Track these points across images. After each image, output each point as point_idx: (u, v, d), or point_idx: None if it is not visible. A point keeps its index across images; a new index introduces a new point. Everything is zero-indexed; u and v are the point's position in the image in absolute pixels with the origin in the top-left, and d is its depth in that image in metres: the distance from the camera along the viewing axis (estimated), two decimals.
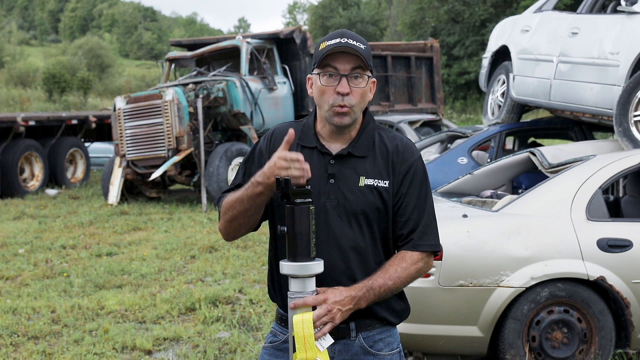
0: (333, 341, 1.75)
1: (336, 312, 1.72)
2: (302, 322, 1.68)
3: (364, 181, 1.83)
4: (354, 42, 1.79)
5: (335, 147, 1.86)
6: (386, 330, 1.91)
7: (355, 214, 1.82)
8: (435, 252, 1.88)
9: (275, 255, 1.90)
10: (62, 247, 7.29)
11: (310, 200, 1.72)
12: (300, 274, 1.71)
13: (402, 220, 1.85)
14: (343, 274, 1.81)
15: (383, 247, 1.87)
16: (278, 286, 1.90)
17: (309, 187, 1.72)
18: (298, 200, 1.70)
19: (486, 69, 7.42)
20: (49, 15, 76.52)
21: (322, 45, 1.81)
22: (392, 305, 1.89)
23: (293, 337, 1.70)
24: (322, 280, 1.77)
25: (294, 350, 1.71)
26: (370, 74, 1.83)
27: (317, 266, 1.73)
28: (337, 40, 1.79)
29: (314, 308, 1.72)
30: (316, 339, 1.70)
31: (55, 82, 27.58)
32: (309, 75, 1.90)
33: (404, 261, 1.82)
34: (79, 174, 12.76)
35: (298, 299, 1.71)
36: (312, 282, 1.73)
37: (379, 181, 1.83)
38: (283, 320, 1.90)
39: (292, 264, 1.71)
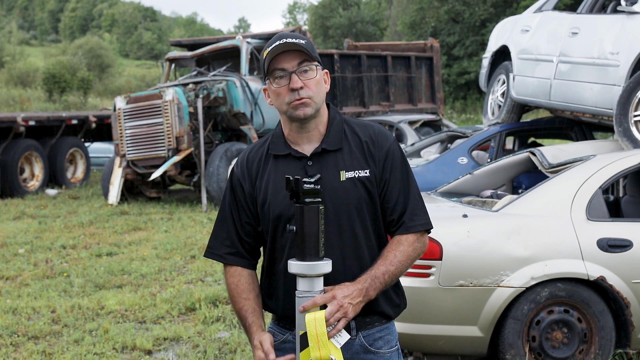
0: (349, 337, 1.75)
1: (347, 306, 1.72)
2: (314, 320, 1.68)
3: (344, 175, 1.83)
4: (292, 40, 1.80)
5: (308, 149, 1.87)
6: (385, 328, 1.92)
7: (344, 210, 1.83)
8: (428, 229, 1.90)
9: (273, 262, 1.90)
10: (62, 247, 7.29)
11: (320, 200, 1.72)
12: (308, 274, 1.72)
13: (390, 206, 1.87)
14: (341, 273, 1.82)
15: (377, 239, 1.88)
16: (275, 290, 1.89)
17: (319, 186, 1.72)
18: (308, 200, 1.71)
19: (486, 69, 7.42)
20: (49, 15, 76.52)
21: (265, 53, 1.83)
22: (391, 296, 1.90)
23: (302, 335, 1.70)
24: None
25: (301, 349, 1.71)
26: (318, 64, 1.84)
27: (326, 266, 1.74)
28: (276, 43, 1.81)
29: (323, 307, 1.72)
30: (331, 337, 1.70)
31: (55, 82, 27.57)
32: (263, 87, 1.91)
33: (401, 244, 1.84)
34: (79, 174, 12.76)
35: (307, 301, 1.71)
36: (320, 281, 1.74)
37: (359, 172, 1.84)
38: (281, 320, 1.91)
39: (301, 263, 1.72)
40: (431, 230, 1.92)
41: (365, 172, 1.84)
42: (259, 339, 1.80)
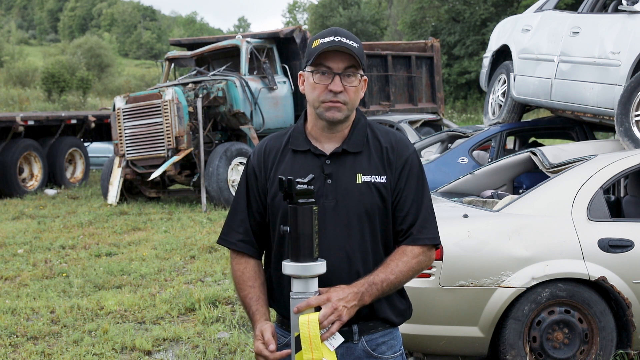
0: (343, 340, 1.73)
1: (342, 309, 1.70)
2: (307, 322, 1.67)
3: (361, 178, 1.82)
4: (348, 41, 1.78)
5: (328, 147, 1.86)
6: (389, 333, 1.90)
7: (355, 213, 1.82)
8: (435, 245, 1.88)
9: (278, 260, 1.89)
10: (62, 247, 7.27)
11: (314, 200, 1.71)
12: (303, 275, 1.70)
13: (401, 216, 1.85)
14: (346, 275, 1.80)
15: (384, 246, 1.86)
16: (279, 290, 1.88)
17: (312, 187, 1.70)
18: (301, 201, 1.69)
19: (487, 68, 7.41)
20: (48, 15, 76.52)
21: (315, 43, 1.80)
22: (395, 304, 1.89)
23: (296, 337, 1.69)
24: (325, 282, 1.76)
25: (297, 351, 1.70)
26: (362, 73, 1.83)
27: (320, 267, 1.72)
28: (331, 38, 1.78)
29: (317, 309, 1.70)
30: (325, 339, 1.69)
31: (54, 82, 27.56)
32: (300, 72, 1.89)
33: (405, 255, 1.82)
34: (78, 173, 12.75)
35: (301, 302, 1.70)
36: (315, 282, 1.72)
37: (376, 177, 1.83)
38: (284, 323, 1.89)
39: (295, 264, 1.70)
40: (439, 246, 1.90)
41: (382, 179, 1.83)
42: (260, 328, 1.78)
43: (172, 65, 11.65)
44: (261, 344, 1.75)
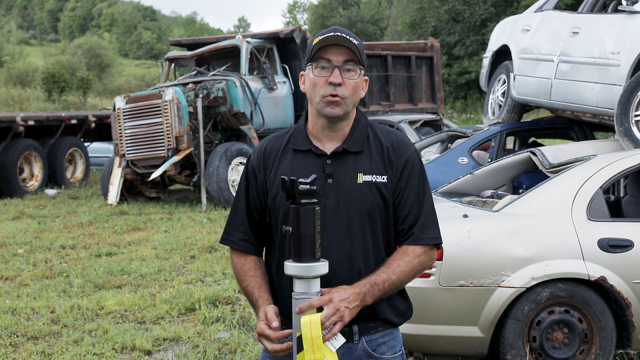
0: (345, 340, 1.73)
1: (344, 310, 1.70)
2: (309, 323, 1.67)
3: (362, 178, 1.82)
4: (347, 37, 1.80)
5: (329, 147, 1.86)
6: (389, 333, 1.90)
7: (357, 213, 1.82)
8: (437, 244, 1.87)
9: (280, 260, 1.89)
10: (62, 247, 7.28)
11: (316, 200, 1.71)
12: (305, 275, 1.70)
13: (402, 215, 1.85)
14: (348, 275, 1.80)
15: (385, 246, 1.86)
16: (280, 291, 1.88)
17: (315, 187, 1.71)
18: (304, 201, 1.69)
19: (487, 68, 7.41)
20: (48, 15, 76.53)
21: (316, 40, 1.82)
22: (396, 304, 1.89)
23: (298, 337, 1.69)
24: (326, 282, 1.76)
25: (298, 351, 1.70)
26: (362, 68, 1.83)
27: (322, 267, 1.71)
28: (331, 34, 1.80)
29: (319, 309, 1.71)
30: (327, 340, 1.69)
31: (54, 82, 27.56)
32: (301, 72, 1.90)
33: (407, 255, 1.82)
34: (78, 173, 12.75)
35: (303, 302, 1.70)
36: (317, 283, 1.72)
37: (377, 177, 1.83)
38: (284, 324, 1.89)
39: (297, 264, 1.70)
40: (441, 245, 1.90)
41: (383, 178, 1.83)
42: (263, 310, 1.78)
43: (172, 65, 11.66)
44: (264, 324, 1.75)
